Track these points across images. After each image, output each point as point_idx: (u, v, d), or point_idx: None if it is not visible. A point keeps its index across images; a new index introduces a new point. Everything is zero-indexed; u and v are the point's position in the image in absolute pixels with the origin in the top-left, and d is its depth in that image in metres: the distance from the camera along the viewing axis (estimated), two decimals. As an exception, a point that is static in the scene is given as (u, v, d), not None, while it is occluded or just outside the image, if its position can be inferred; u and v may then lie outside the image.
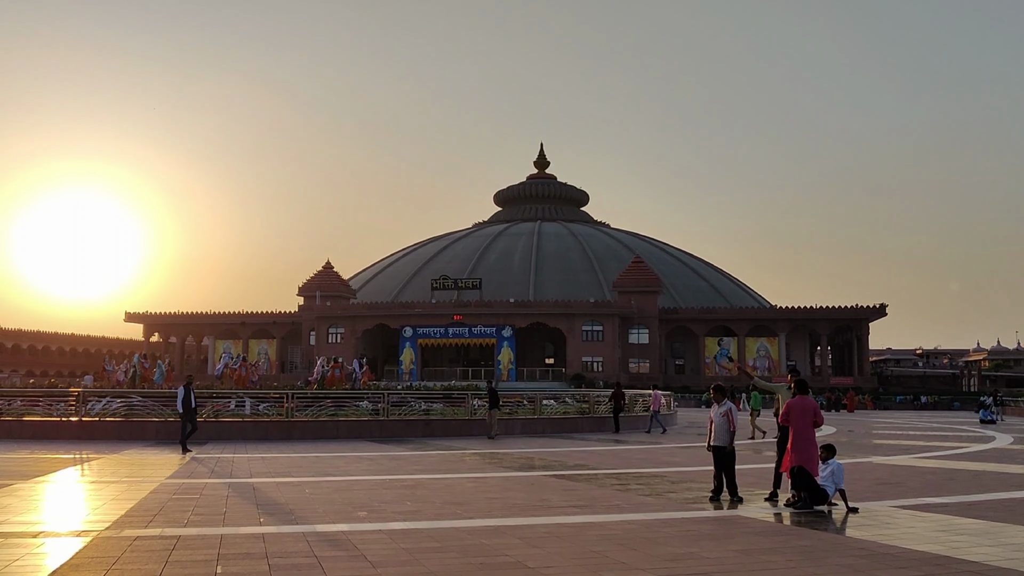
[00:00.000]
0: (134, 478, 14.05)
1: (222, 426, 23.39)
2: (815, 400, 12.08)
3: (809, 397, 11.94)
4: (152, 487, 12.75)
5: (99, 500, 11.34)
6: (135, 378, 34.36)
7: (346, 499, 11.63)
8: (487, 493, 12.47)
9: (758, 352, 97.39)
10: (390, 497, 11.88)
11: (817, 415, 11.80)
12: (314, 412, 24.56)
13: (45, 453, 18.80)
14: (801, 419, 11.69)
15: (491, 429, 25.09)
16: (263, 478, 14.24)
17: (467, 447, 21.81)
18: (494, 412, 25.33)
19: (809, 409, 11.78)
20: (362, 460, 17.99)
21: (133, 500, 11.27)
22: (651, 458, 19.38)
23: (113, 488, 12.57)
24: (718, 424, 12.05)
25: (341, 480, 14.01)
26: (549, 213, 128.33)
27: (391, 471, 15.65)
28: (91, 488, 12.79)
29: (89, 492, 12.36)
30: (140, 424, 23.19)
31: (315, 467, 16.32)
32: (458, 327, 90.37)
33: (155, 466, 16.28)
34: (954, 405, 69.59)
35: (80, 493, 12.29)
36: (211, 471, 15.28)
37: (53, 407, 23.99)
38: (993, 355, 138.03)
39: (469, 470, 16.09)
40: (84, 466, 16.17)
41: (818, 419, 11.81)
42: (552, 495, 12.28)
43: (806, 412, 11.74)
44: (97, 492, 12.24)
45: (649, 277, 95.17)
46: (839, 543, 8.64)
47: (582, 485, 13.64)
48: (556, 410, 28.98)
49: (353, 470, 15.89)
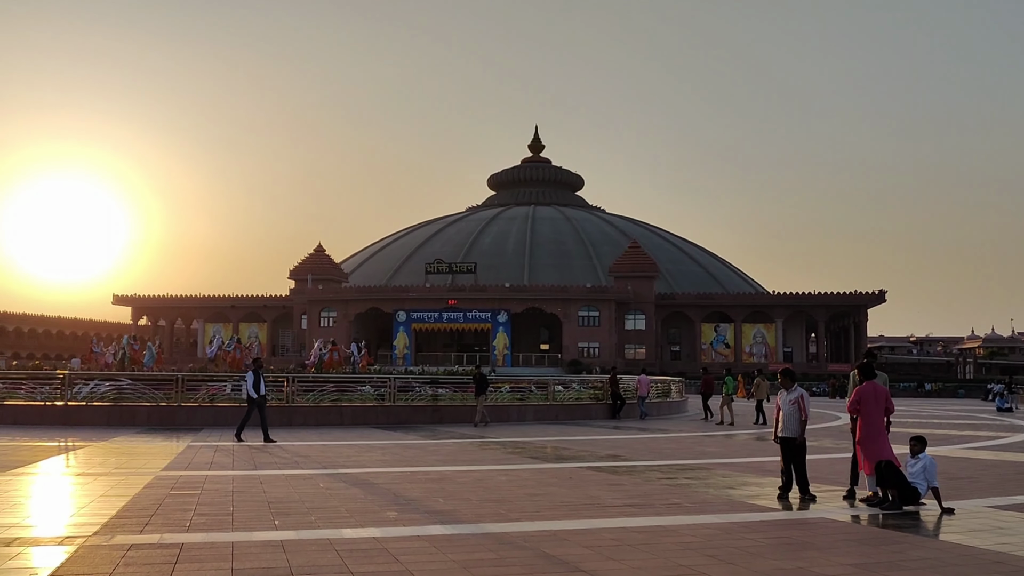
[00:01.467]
0: (125, 470, 12.60)
1: (219, 411, 21.89)
2: (884, 386, 10.76)
3: (878, 382, 10.65)
4: (146, 480, 11.33)
5: (86, 497, 9.91)
6: (124, 360, 32.86)
7: (368, 496, 10.24)
8: (525, 488, 11.08)
9: (754, 338, 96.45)
10: (417, 493, 10.50)
11: (889, 402, 10.52)
12: (315, 397, 23.10)
13: (27, 440, 17.33)
14: (873, 407, 10.38)
15: (476, 416, 23.47)
16: (269, 469, 12.83)
17: (482, 435, 20.45)
18: (481, 399, 23.72)
19: (881, 396, 10.49)
20: (373, 449, 16.59)
21: (125, 497, 9.85)
22: (683, 448, 18.06)
23: (102, 482, 11.12)
24: (787, 413, 10.69)
25: (357, 473, 12.59)
26: (544, 197, 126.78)
27: (409, 462, 14.24)
28: (77, 482, 11.33)
29: (75, 487, 10.89)
30: (130, 409, 21.68)
31: (324, 457, 14.91)
32: (453, 312, 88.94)
33: (148, 455, 14.84)
34: (958, 393, 68.59)
35: (65, 488, 10.82)
36: (210, 462, 13.85)
37: (37, 390, 22.45)
38: (988, 342, 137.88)
39: (495, 461, 14.69)
40: (69, 455, 14.70)
41: (890, 406, 10.52)
42: (599, 491, 10.91)
43: (878, 399, 10.44)
44: (84, 487, 10.79)
45: (646, 262, 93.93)
46: (966, 555, 7.30)
47: (626, 479, 12.28)
48: (569, 396, 27.62)
49: (367, 460, 14.48)
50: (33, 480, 11.39)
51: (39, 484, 11.07)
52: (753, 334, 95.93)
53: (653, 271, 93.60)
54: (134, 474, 12.05)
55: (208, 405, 22.23)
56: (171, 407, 21.82)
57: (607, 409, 27.86)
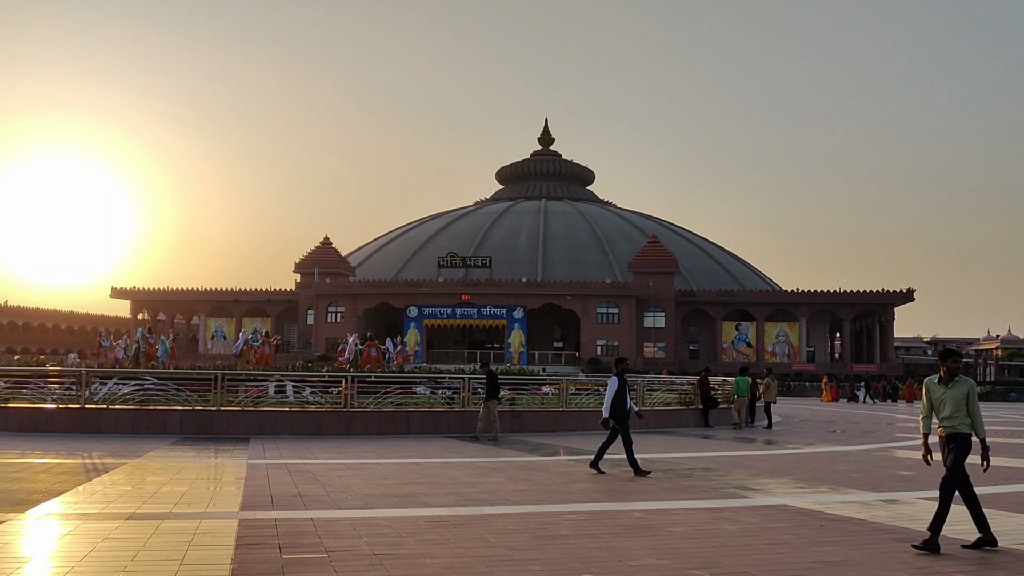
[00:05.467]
0: (190, 510, 9.02)
1: (264, 417, 18.30)
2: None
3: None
4: (230, 531, 7.75)
5: (153, 569, 6.33)
6: (138, 355, 29.18)
7: (579, 564, 6.68)
8: (775, 552, 7.50)
9: (777, 337, 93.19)
10: (644, 553, 6.95)
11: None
12: (378, 401, 19.52)
13: (39, 454, 13.76)
14: None
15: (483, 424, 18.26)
16: (384, 509, 9.25)
17: (585, 446, 16.89)
18: (492, 404, 18.21)
19: None
20: (487, 470, 13.01)
21: (213, 568, 6.30)
22: (864, 468, 14.49)
23: (167, 539, 7.51)
24: None
25: (515, 515, 8.97)
26: (554, 191, 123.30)
27: (557, 494, 10.67)
28: (127, 534, 7.73)
29: (126, 544, 7.29)
30: (160, 414, 18.00)
31: (436, 483, 11.33)
32: (466, 307, 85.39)
33: (205, 481, 11.28)
34: (1009, 396, 65.21)
35: (112, 549, 7.20)
36: (297, 493, 10.27)
37: (46, 391, 18.84)
38: (1006, 344, 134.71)
39: (670, 494, 11.01)
40: (102, 481, 11.10)
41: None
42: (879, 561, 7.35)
43: None
44: (142, 545, 7.20)
45: (666, 257, 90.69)
46: None
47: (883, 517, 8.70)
48: (658, 400, 24.01)
49: (501, 491, 10.83)
50: (59, 529, 7.81)
51: (70, 538, 7.48)
52: (776, 333, 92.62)
53: (673, 267, 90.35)
54: (207, 517, 8.48)
55: (252, 409, 18.60)
56: (208, 411, 18.19)
57: (698, 415, 24.37)
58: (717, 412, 24.73)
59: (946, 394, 7.62)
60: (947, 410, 7.58)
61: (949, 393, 7.61)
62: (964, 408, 7.53)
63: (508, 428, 20.18)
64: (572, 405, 21.76)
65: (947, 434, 7.59)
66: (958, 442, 7.49)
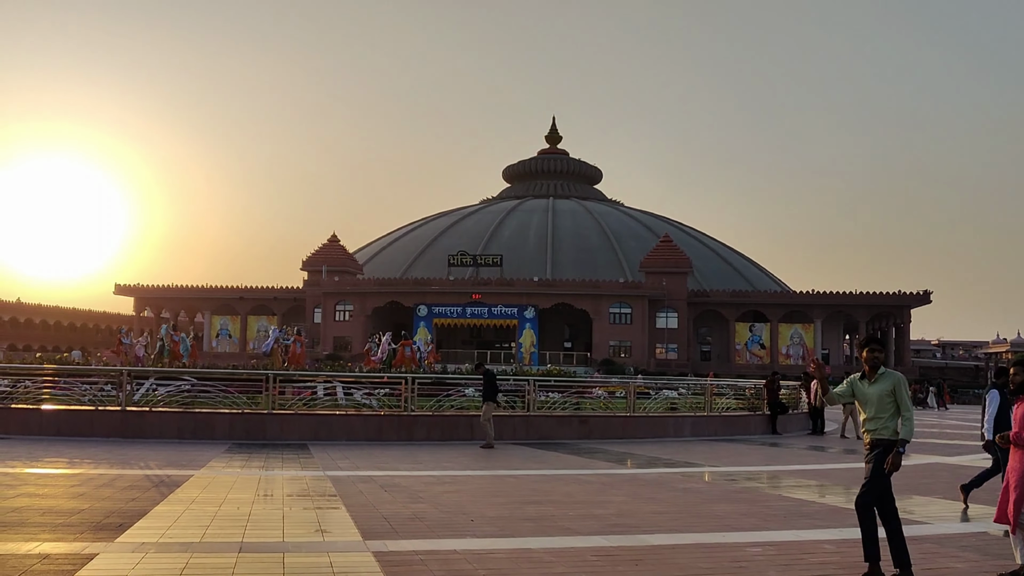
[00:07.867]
0: (304, 539, 7.60)
1: (321, 421, 16.89)
2: None
3: None
4: (371, 570, 6.36)
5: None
6: (162, 353, 27.73)
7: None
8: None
9: (791, 339, 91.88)
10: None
11: None
12: (437, 404, 18.12)
13: (89, 464, 12.34)
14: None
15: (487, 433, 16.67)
16: (530, 537, 7.85)
17: (674, 456, 15.51)
18: (490, 407, 16.73)
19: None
20: (602, 488, 11.53)
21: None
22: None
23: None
24: None
25: (678, 547, 7.60)
26: (561, 190, 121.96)
27: (713, 520, 9.25)
28: (249, 571, 6.34)
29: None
30: (206, 417, 16.56)
31: (558, 502, 9.93)
32: (477, 306, 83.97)
33: (295, 499, 9.85)
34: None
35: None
36: (412, 516, 8.86)
37: (80, 390, 17.40)
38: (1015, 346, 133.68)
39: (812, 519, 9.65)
40: (179, 498, 9.66)
41: None
42: None
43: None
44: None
45: (679, 257, 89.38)
46: None
47: None
48: (725, 406, 22.56)
49: (635, 512, 9.39)
50: (170, 565, 6.39)
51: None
52: (790, 335, 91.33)
53: (686, 267, 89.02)
54: (332, 550, 7.03)
55: (306, 413, 17.17)
56: (259, 415, 16.76)
57: (765, 421, 23.00)
58: (784, 418, 23.34)
59: (869, 391, 6.22)
60: (870, 410, 6.18)
61: (872, 390, 6.20)
62: (889, 408, 6.14)
63: (575, 435, 18.76)
64: (640, 410, 20.37)
65: (871, 439, 6.19)
66: (882, 450, 6.10)
